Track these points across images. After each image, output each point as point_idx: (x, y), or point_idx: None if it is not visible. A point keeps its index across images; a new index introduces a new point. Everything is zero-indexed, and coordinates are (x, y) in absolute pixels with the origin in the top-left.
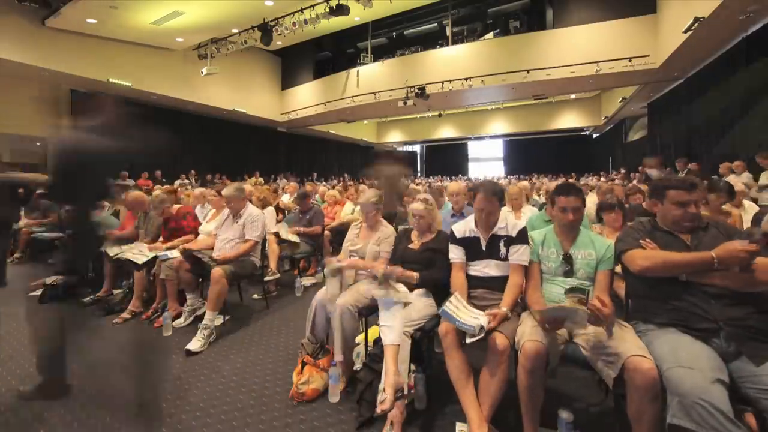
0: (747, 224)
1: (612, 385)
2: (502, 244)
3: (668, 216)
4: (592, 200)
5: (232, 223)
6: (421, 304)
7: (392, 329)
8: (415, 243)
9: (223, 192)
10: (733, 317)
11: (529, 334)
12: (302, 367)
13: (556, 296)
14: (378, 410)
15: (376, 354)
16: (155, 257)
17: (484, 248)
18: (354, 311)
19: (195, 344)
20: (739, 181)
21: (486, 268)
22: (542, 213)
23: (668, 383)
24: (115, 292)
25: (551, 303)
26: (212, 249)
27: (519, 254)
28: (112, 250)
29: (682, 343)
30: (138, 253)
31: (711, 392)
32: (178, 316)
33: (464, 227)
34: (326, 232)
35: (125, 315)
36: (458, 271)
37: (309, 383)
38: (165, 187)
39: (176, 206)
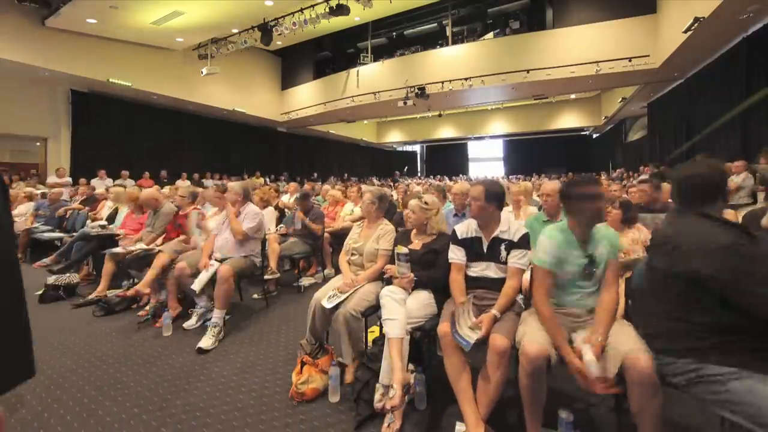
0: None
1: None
2: (503, 247)
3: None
4: None
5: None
6: (421, 303)
7: (396, 322)
8: (416, 243)
9: (230, 185)
10: None
11: (529, 334)
12: (302, 367)
13: (573, 303)
14: (388, 406)
15: (374, 353)
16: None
17: (485, 250)
18: (357, 315)
19: (206, 342)
20: (738, 181)
21: (486, 271)
22: (541, 213)
23: None
24: (110, 293)
25: (562, 308)
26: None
27: (519, 258)
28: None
29: None
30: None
31: None
32: (177, 316)
33: (466, 227)
34: (326, 235)
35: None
36: (457, 273)
37: (309, 383)
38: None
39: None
